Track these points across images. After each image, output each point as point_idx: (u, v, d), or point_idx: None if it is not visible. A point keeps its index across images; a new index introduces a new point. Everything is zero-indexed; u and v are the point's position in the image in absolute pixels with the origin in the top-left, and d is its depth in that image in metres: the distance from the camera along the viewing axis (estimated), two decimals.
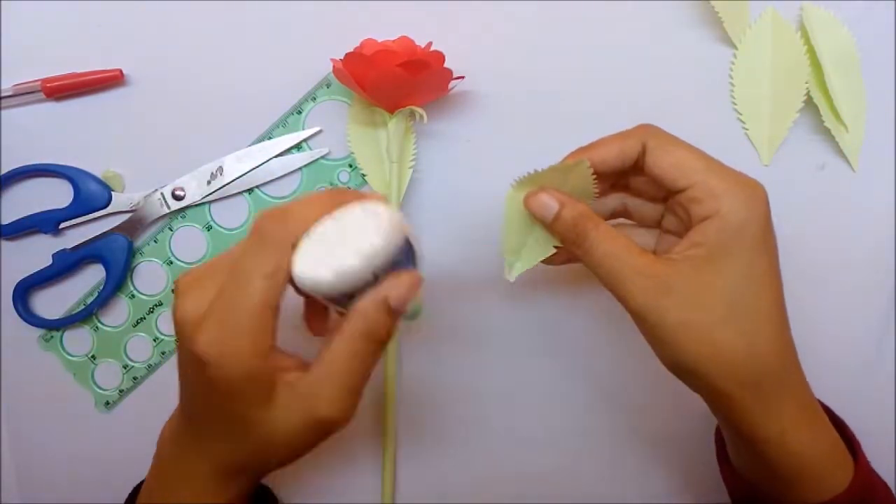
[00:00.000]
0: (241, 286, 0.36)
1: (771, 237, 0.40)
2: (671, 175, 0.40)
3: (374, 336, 0.37)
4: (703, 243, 0.39)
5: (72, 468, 0.56)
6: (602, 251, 0.40)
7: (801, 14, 0.54)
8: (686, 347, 0.39)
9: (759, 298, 0.39)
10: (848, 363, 0.56)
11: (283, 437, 0.37)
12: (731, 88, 0.54)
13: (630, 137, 0.41)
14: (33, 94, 0.53)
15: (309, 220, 0.37)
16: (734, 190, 0.39)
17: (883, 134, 0.54)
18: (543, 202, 0.42)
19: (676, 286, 0.39)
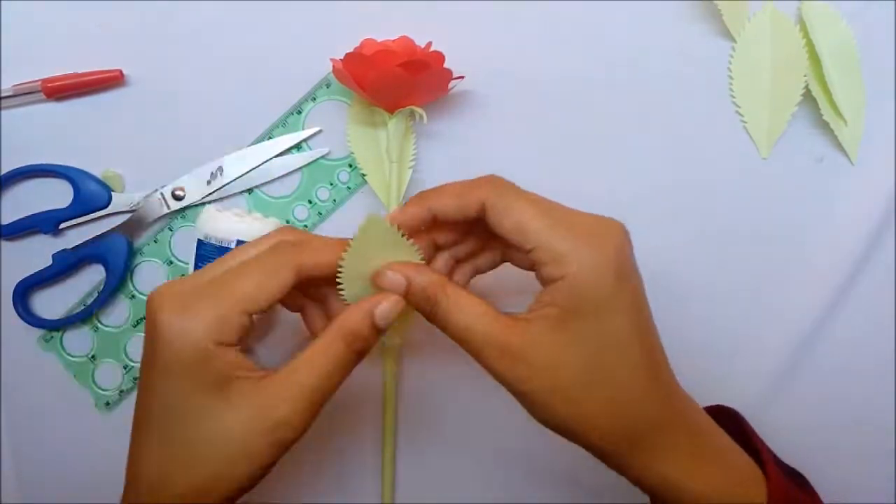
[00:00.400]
0: (232, 277, 0.37)
1: (628, 291, 0.38)
2: (513, 237, 0.38)
3: (351, 346, 0.38)
4: (555, 304, 0.37)
5: (72, 468, 0.55)
6: (454, 322, 0.39)
7: (799, 8, 0.54)
8: (550, 411, 0.38)
9: (621, 357, 0.38)
10: (847, 359, 0.55)
11: (236, 439, 0.36)
12: (730, 82, 0.54)
13: (468, 196, 0.40)
14: (33, 94, 0.53)
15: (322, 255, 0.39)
16: (580, 251, 0.37)
17: (882, 127, 0.54)
18: (390, 279, 0.40)
19: (531, 354, 0.37)
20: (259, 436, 0.36)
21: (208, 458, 0.36)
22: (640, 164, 0.55)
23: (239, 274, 0.38)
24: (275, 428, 0.36)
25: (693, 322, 0.55)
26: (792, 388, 0.55)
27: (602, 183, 0.55)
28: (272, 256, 0.39)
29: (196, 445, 0.36)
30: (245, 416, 0.36)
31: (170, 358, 0.36)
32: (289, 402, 0.36)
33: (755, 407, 0.55)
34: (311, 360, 0.38)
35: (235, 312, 0.36)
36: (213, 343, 0.36)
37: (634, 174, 0.55)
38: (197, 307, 0.36)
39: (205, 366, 0.36)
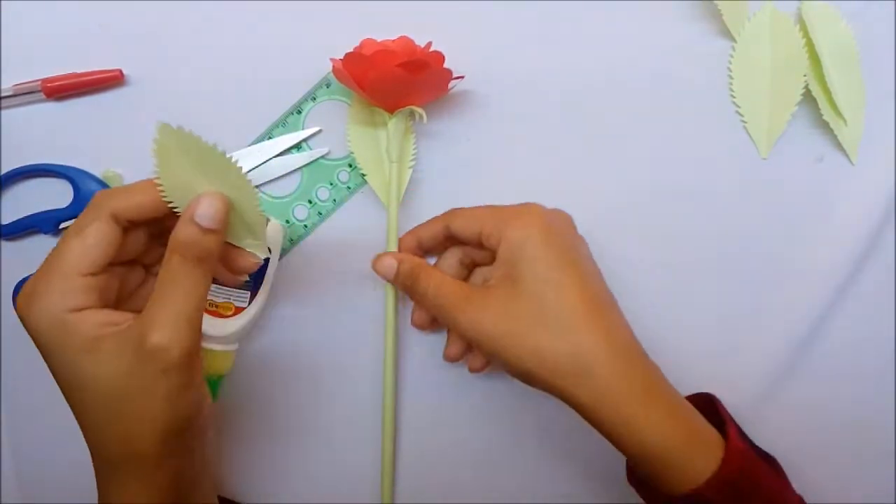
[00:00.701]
0: (57, 248, 0.39)
1: (554, 244, 0.46)
2: (469, 230, 0.49)
3: (188, 253, 0.38)
4: (501, 265, 0.47)
5: (72, 468, 0.55)
6: (433, 293, 0.48)
7: (799, 8, 0.54)
8: (510, 353, 0.45)
9: (563, 300, 0.44)
10: (847, 358, 0.55)
11: (121, 380, 0.37)
12: (730, 82, 0.54)
13: (436, 222, 0.52)
14: (33, 94, 0.53)
15: (134, 194, 0.40)
16: (509, 219, 0.47)
17: (881, 127, 0.54)
18: (386, 264, 0.50)
19: (490, 304, 0.46)
20: (143, 371, 0.37)
21: (118, 406, 0.38)
22: (639, 164, 0.55)
23: (64, 242, 0.39)
24: (153, 356, 0.37)
25: (692, 321, 0.55)
26: (792, 387, 0.55)
27: (602, 183, 0.55)
28: (84, 216, 0.40)
29: (99, 404, 0.38)
30: (124, 360, 0.37)
31: (38, 337, 0.38)
32: (156, 329, 0.37)
33: (755, 407, 0.55)
34: (160, 287, 0.38)
35: (72, 279, 0.38)
36: (64, 312, 0.37)
37: (634, 174, 0.55)
38: (39, 290, 0.38)
39: (68, 333, 0.37)
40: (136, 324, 0.38)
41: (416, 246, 0.52)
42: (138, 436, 0.38)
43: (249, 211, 0.41)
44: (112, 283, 0.41)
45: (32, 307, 0.38)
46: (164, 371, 0.37)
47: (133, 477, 0.39)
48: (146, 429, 0.38)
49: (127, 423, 0.38)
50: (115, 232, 0.39)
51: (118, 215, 0.39)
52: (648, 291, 0.54)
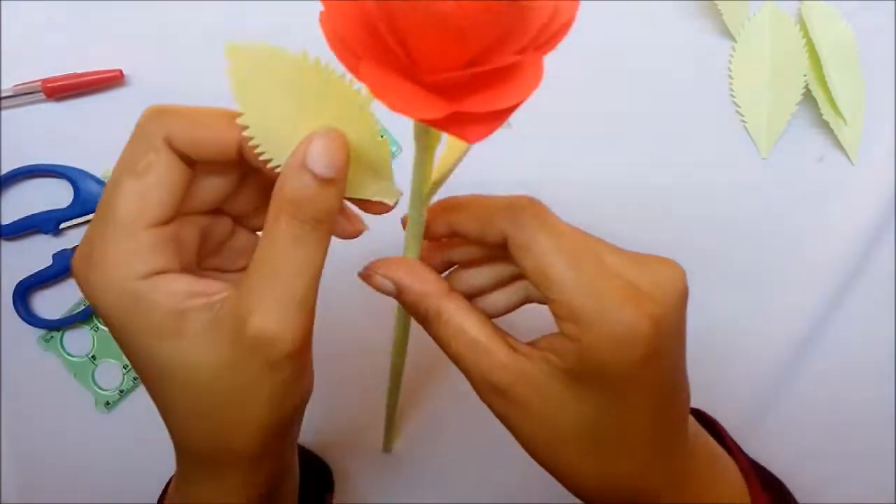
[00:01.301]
0: (108, 196, 0.30)
1: (655, 373, 0.32)
2: (533, 279, 0.32)
3: (300, 214, 0.29)
4: (563, 358, 0.32)
5: (72, 468, 0.55)
6: (445, 347, 0.34)
7: (800, 7, 0.54)
8: (542, 460, 0.34)
9: (628, 435, 0.33)
10: (847, 358, 0.55)
11: (215, 373, 0.30)
12: (730, 81, 0.54)
13: (490, 223, 0.33)
14: (33, 94, 0.53)
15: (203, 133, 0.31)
16: (603, 320, 0.30)
17: (882, 127, 0.55)
18: (379, 284, 0.34)
19: (523, 399, 0.32)
20: (244, 363, 0.30)
21: (212, 402, 0.31)
22: (639, 164, 0.55)
23: (114, 186, 0.30)
24: (256, 348, 0.29)
25: (692, 321, 0.55)
26: (791, 387, 0.55)
27: (601, 182, 0.55)
28: (134, 146, 0.31)
29: (189, 397, 0.31)
30: (220, 349, 0.30)
31: (105, 314, 0.30)
32: (260, 314, 0.29)
33: (755, 406, 0.55)
34: (264, 257, 0.29)
35: (135, 235, 0.29)
36: (133, 281, 0.29)
37: (634, 173, 0.55)
38: (95, 248, 0.29)
39: (141, 308, 0.29)
40: (232, 301, 0.30)
41: (449, 234, 0.36)
42: (236, 436, 0.31)
43: (371, 147, 0.30)
44: (189, 235, 0.32)
45: (91, 278, 0.29)
46: (272, 365, 0.29)
47: (227, 477, 0.32)
48: (246, 430, 0.31)
49: (223, 422, 0.31)
50: (178, 166, 0.30)
51: (179, 148, 0.30)
52: None
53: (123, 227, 0.29)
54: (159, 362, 0.30)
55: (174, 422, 0.32)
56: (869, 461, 0.55)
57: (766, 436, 0.53)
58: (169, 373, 0.30)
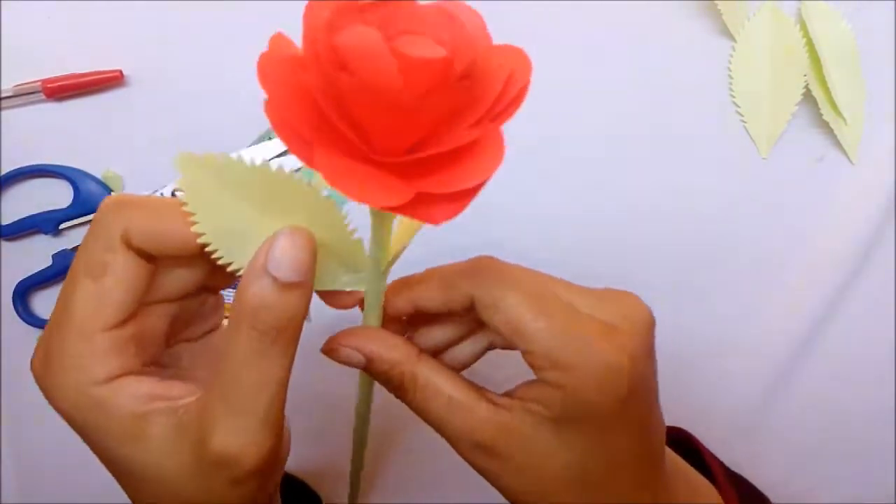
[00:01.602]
0: (65, 295, 0.29)
1: (638, 407, 0.32)
2: (507, 336, 0.31)
3: (261, 324, 0.27)
4: (548, 406, 0.31)
5: (72, 469, 0.55)
6: (423, 412, 0.33)
7: (799, 7, 0.54)
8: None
9: (614, 472, 0.33)
10: (847, 358, 0.55)
11: (183, 485, 0.29)
12: (730, 81, 0.54)
13: (455, 288, 0.32)
14: (34, 94, 0.53)
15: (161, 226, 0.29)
16: (583, 363, 0.30)
17: (881, 126, 0.55)
18: (347, 357, 0.33)
19: (507, 452, 0.32)
20: (209, 477, 0.28)
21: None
22: (639, 164, 0.55)
23: (71, 287, 0.29)
24: (220, 465, 0.28)
25: (692, 322, 0.55)
26: (792, 387, 0.55)
27: (600, 182, 0.55)
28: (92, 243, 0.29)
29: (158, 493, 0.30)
30: (179, 460, 0.28)
31: (66, 416, 0.29)
32: (220, 433, 0.27)
33: (754, 406, 0.55)
34: (224, 369, 0.28)
35: (92, 339, 0.28)
36: (93, 386, 0.28)
37: (634, 174, 0.55)
38: (52, 358, 0.29)
39: (104, 414, 0.28)
40: (195, 410, 0.28)
41: (412, 311, 0.34)
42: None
43: (342, 241, 0.30)
44: (154, 324, 0.31)
45: (53, 383, 0.28)
46: (235, 481, 0.28)
47: None
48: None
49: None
50: (136, 264, 0.29)
51: (138, 245, 0.28)
52: (647, 290, 0.54)
53: (79, 330, 0.28)
54: (125, 464, 0.29)
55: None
56: (869, 461, 0.55)
57: (766, 436, 0.53)
58: (137, 474, 0.29)
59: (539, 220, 0.55)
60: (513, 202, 0.54)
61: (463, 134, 0.25)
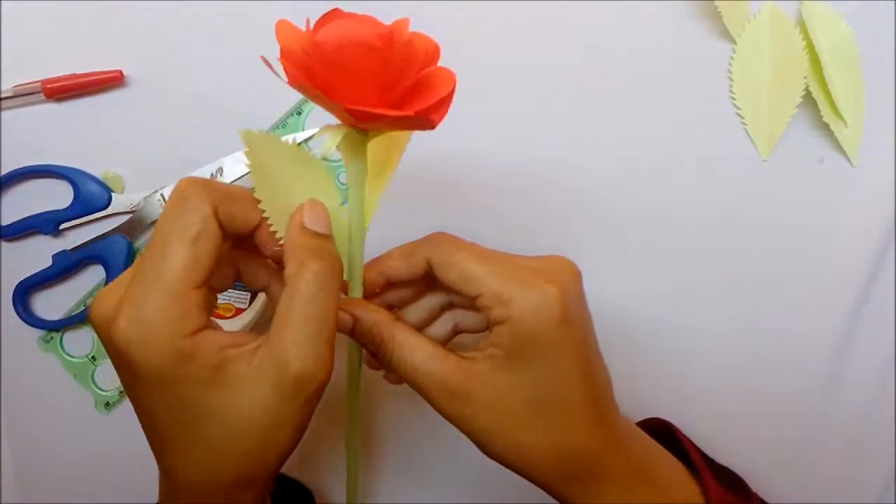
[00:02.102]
0: (158, 258, 0.33)
1: (573, 332, 0.38)
2: (460, 287, 0.38)
3: (324, 265, 0.34)
4: (500, 345, 0.37)
5: (72, 469, 0.55)
6: (401, 364, 0.39)
7: (800, 9, 0.54)
8: (496, 449, 0.38)
9: (564, 401, 0.38)
10: (847, 358, 0.55)
11: (256, 414, 0.33)
12: (730, 83, 0.54)
13: (414, 256, 0.40)
14: (33, 94, 0.53)
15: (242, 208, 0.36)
16: (521, 294, 0.37)
17: (882, 128, 0.54)
18: (339, 319, 0.38)
19: (476, 394, 0.38)
20: (284, 404, 0.33)
21: (237, 447, 0.34)
22: (639, 165, 0.55)
23: (166, 251, 0.33)
24: (296, 389, 0.33)
25: (690, 323, 0.55)
26: (792, 387, 0.55)
27: (600, 183, 0.55)
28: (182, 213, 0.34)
29: (221, 438, 0.34)
30: (259, 395, 0.33)
31: (149, 371, 0.33)
32: (299, 356, 0.33)
33: (755, 406, 0.55)
34: (294, 304, 0.34)
35: (185, 295, 0.33)
36: (183, 339, 0.33)
37: (634, 175, 0.55)
38: (145, 310, 0.33)
39: (188, 365, 0.33)
40: (267, 350, 0.33)
41: (384, 283, 0.42)
42: (260, 467, 0.35)
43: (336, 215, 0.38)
44: (211, 295, 0.37)
45: (144, 337, 0.32)
46: (309, 399, 0.34)
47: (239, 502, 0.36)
48: (271, 459, 0.35)
49: (250, 456, 0.34)
50: (220, 234, 0.35)
51: (220, 219, 0.35)
52: (646, 293, 0.54)
53: (173, 290, 0.33)
54: (196, 410, 0.33)
55: (195, 464, 0.35)
56: (869, 461, 0.55)
57: (765, 435, 0.53)
58: (204, 418, 0.33)
59: (539, 221, 0.55)
60: (512, 208, 0.54)
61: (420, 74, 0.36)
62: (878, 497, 0.55)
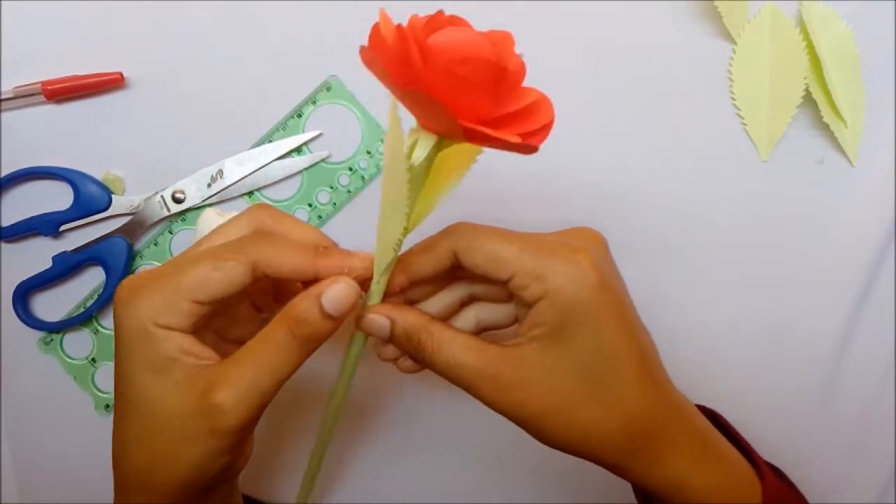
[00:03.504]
0: (184, 258, 0.37)
1: (611, 299, 0.37)
2: (490, 271, 0.38)
3: (295, 332, 0.36)
4: (542, 323, 0.37)
5: (72, 470, 0.55)
6: (443, 361, 0.38)
7: (800, 9, 0.54)
8: (555, 432, 0.38)
9: (616, 366, 0.37)
10: (848, 358, 0.55)
11: (175, 420, 0.35)
12: (730, 84, 0.54)
13: (437, 247, 0.39)
14: (34, 96, 0.53)
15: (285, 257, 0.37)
16: (554, 267, 0.37)
17: (881, 128, 0.55)
18: (374, 323, 0.39)
19: (525, 379, 0.37)
20: (195, 420, 0.35)
21: (155, 437, 0.36)
22: (639, 166, 0.55)
23: (195, 261, 0.36)
24: (210, 413, 0.35)
25: (692, 323, 0.55)
26: (792, 387, 0.55)
27: (601, 184, 0.55)
28: (230, 248, 0.37)
29: (146, 424, 0.36)
30: (183, 399, 0.35)
31: (121, 335, 0.36)
32: (226, 388, 0.35)
33: (752, 406, 0.55)
34: (253, 348, 0.36)
35: (181, 298, 0.36)
36: (153, 324, 0.35)
37: (634, 175, 0.55)
38: (143, 291, 0.36)
39: (147, 346, 0.35)
40: (211, 372, 0.36)
41: (408, 283, 0.41)
42: (162, 478, 0.36)
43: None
44: (218, 319, 0.39)
45: (129, 306, 0.36)
46: (214, 431, 0.35)
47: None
48: (170, 476, 0.36)
49: (158, 457, 0.36)
50: (247, 279, 0.36)
51: (258, 269, 0.37)
52: (648, 294, 0.54)
53: (177, 289, 0.36)
54: (138, 391, 0.36)
55: (120, 443, 0.38)
56: (869, 461, 0.55)
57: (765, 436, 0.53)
58: (141, 403, 0.36)
59: (537, 221, 0.55)
60: (511, 208, 0.54)
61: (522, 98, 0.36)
62: (878, 497, 0.55)
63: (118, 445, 0.38)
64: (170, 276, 0.36)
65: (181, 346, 0.36)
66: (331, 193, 0.55)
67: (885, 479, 0.55)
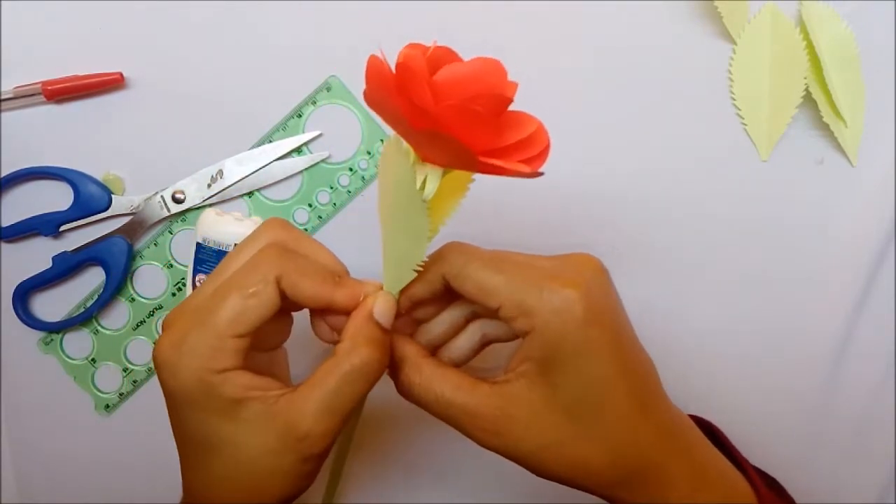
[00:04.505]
0: (215, 298, 0.36)
1: (603, 331, 0.36)
2: (479, 300, 0.37)
3: (361, 354, 0.36)
4: (531, 358, 0.36)
5: (71, 471, 0.55)
6: (431, 399, 0.38)
7: (800, 9, 0.54)
8: (548, 468, 0.37)
9: (606, 401, 0.36)
10: (847, 358, 0.55)
11: (261, 460, 0.36)
12: (730, 84, 0.54)
13: (428, 272, 0.39)
14: (34, 96, 0.53)
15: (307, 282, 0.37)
16: (541, 301, 0.36)
17: (882, 128, 0.55)
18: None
19: (515, 417, 0.37)
20: (285, 455, 0.36)
21: (242, 476, 0.36)
22: (639, 166, 0.55)
23: (223, 296, 0.36)
24: (298, 446, 0.35)
25: (691, 323, 0.55)
26: (792, 386, 0.55)
27: (601, 185, 0.55)
28: (257, 271, 0.37)
29: (228, 469, 0.36)
30: (266, 437, 0.36)
31: (178, 392, 0.36)
32: (309, 418, 0.35)
33: (752, 406, 0.55)
34: (329, 374, 0.36)
35: (224, 338, 0.35)
36: (210, 373, 0.35)
37: (634, 176, 0.55)
38: (185, 346, 0.35)
39: (211, 395, 0.35)
40: (287, 404, 0.36)
41: (410, 305, 0.41)
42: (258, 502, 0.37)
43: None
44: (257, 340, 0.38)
45: (179, 363, 0.35)
46: (305, 459, 0.36)
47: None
48: (267, 499, 0.37)
49: (249, 493, 0.37)
50: (276, 301, 0.36)
51: (283, 288, 0.36)
52: (645, 294, 0.54)
53: (216, 331, 0.35)
54: (213, 438, 0.36)
55: (204, 485, 0.37)
56: (869, 461, 0.55)
57: (764, 436, 0.53)
58: (219, 447, 0.36)
59: (536, 223, 0.55)
60: (509, 208, 0.54)
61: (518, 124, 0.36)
62: (878, 497, 0.55)
63: (202, 487, 0.38)
64: (203, 318, 0.36)
65: (242, 385, 0.36)
66: (331, 194, 0.55)
67: (885, 479, 0.55)
